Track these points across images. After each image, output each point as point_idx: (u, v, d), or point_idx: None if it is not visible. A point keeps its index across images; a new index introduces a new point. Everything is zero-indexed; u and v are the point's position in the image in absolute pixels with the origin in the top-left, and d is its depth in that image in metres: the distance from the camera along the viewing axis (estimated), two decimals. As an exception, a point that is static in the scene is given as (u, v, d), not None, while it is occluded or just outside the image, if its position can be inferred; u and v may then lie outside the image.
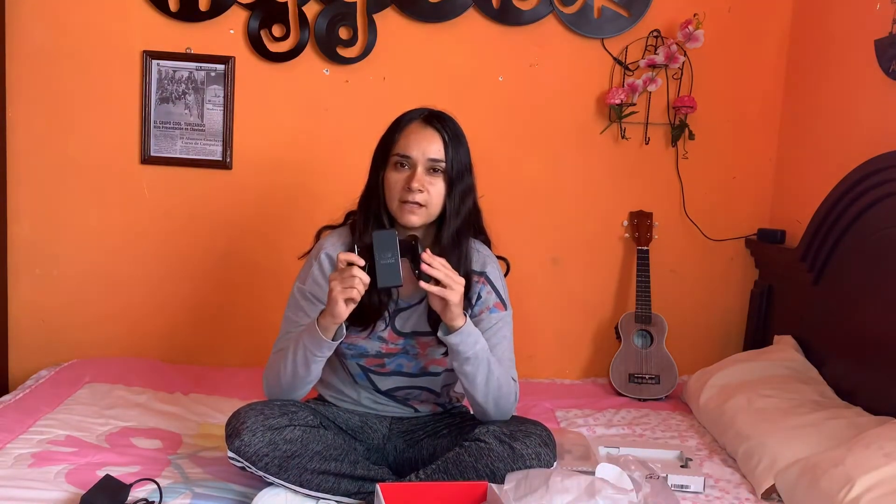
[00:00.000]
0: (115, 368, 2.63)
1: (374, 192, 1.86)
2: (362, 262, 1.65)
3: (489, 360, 1.79)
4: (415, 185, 1.78)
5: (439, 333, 1.76)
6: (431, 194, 1.80)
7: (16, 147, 2.78)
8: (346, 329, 1.89)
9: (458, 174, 1.82)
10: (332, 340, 1.75)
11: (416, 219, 1.81)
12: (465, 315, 1.75)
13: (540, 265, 2.95)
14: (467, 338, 1.74)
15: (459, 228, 1.85)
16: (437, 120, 1.83)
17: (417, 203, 1.79)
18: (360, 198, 1.92)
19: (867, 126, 2.44)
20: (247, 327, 2.90)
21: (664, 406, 2.67)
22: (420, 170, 1.79)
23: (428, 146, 1.80)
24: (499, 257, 1.99)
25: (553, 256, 2.97)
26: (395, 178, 1.82)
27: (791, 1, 2.90)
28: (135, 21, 2.76)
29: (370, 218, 1.86)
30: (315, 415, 1.86)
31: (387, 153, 1.84)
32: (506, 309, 1.91)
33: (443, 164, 1.80)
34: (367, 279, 1.66)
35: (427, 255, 1.67)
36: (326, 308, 1.71)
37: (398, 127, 1.85)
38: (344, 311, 1.69)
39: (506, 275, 1.99)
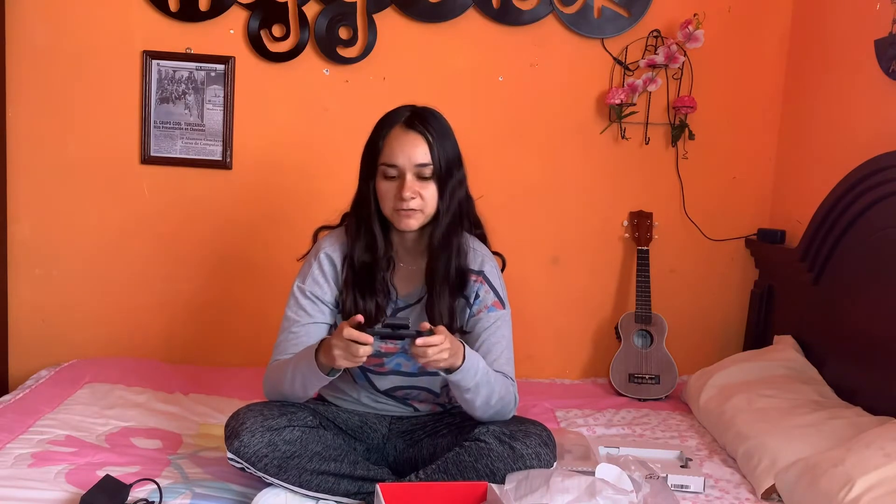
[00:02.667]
0: (115, 368, 2.63)
1: (366, 201, 1.85)
2: (371, 341, 1.62)
3: (490, 382, 1.76)
4: (406, 194, 1.77)
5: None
6: (425, 198, 1.79)
7: (16, 147, 2.78)
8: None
9: (448, 171, 1.81)
10: (328, 375, 1.74)
11: (413, 222, 1.81)
12: (463, 352, 1.70)
13: (540, 265, 2.95)
14: (466, 374, 1.71)
15: (449, 225, 1.83)
16: (418, 121, 1.80)
17: (412, 209, 1.79)
18: (351, 204, 1.91)
19: (867, 126, 2.44)
20: (247, 327, 2.90)
21: (664, 406, 2.67)
22: (409, 177, 1.78)
23: (413, 152, 1.78)
24: (495, 253, 1.99)
25: (553, 256, 2.97)
26: (385, 188, 1.81)
27: (791, 1, 2.90)
28: (135, 21, 2.76)
29: (361, 226, 1.86)
30: (314, 415, 1.86)
31: (374, 162, 1.82)
32: (504, 308, 1.91)
33: (430, 167, 1.79)
34: (370, 351, 1.64)
35: (417, 344, 1.62)
36: (326, 357, 1.69)
37: (380, 134, 1.82)
38: (343, 367, 1.70)
39: (502, 270, 1.99)
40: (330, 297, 1.89)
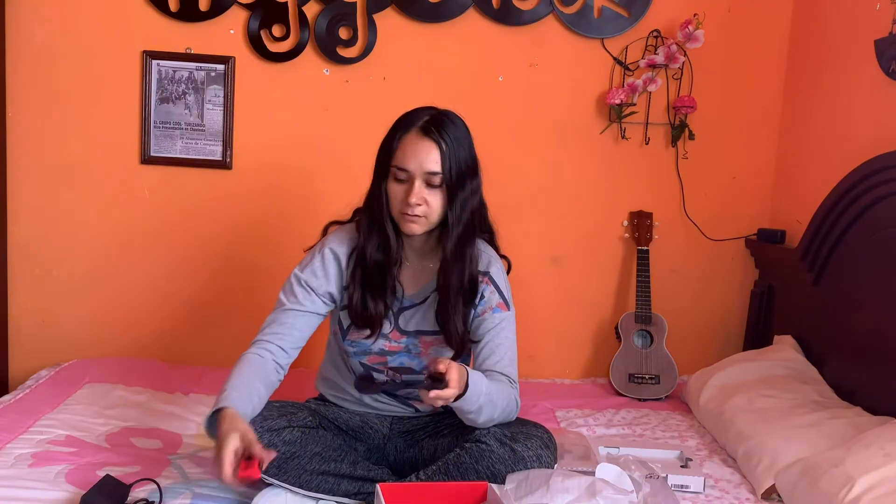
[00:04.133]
0: (115, 368, 2.63)
1: (377, 200, 1.84)
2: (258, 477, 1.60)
3: (493, 402, 1.74)
4: (412, 199, 1.76)
5: None
6: (431, 206, 1.78)
7: (16, 147, 2.78)
8: (350, 329, 1.89)
9: (458, 181, 1.78)
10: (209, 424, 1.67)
11: (417, 228, 1.80)
12: (466, 380, 1.67)
13: (540, 265, 2.95)
14: (468, 400, 1.69)
15: (462, 235, 1.82)
16: (435, 128, 1.78)
17: (417, 215, 1.78)
18: (363, 201, 1.90)
19: (867, 126, 2.44)
20: (247, 327, 2.85)
21: (664, 406, 2.67)
22: (418, 183, 1.76)
23: (425, 158, 1.76)
24: (501, 256, 1.99)
25: (553, 256, 2.97)
26: (395, 190, 1.80)
27: (791, 1, 2.90)
28: (135, 21, 2.76)
29: (374, 225, 1.85)
30: (314, 415, 1.86)
31: (387, 162, 1.81)
32: (509, 309, 1.91)
33: (440, 176, 1.77)
34: (230, 478, 1.56)
35: (431, 397, 1.62)
36: (219, 429, 1.61)
37: (396, 135, 1.81)
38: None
39: (507, 273, 1.99)
40: (324, 291, 1.89)
